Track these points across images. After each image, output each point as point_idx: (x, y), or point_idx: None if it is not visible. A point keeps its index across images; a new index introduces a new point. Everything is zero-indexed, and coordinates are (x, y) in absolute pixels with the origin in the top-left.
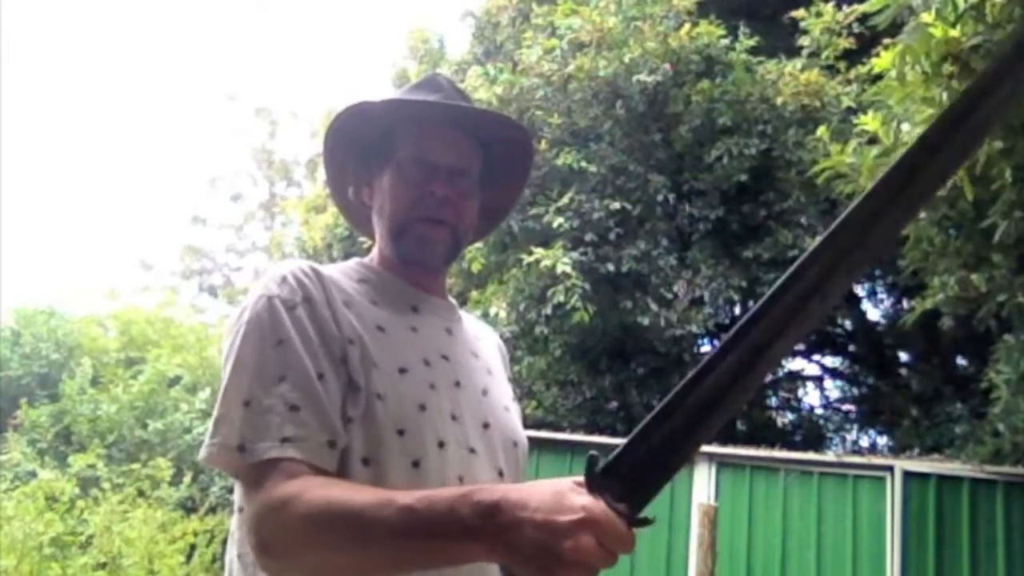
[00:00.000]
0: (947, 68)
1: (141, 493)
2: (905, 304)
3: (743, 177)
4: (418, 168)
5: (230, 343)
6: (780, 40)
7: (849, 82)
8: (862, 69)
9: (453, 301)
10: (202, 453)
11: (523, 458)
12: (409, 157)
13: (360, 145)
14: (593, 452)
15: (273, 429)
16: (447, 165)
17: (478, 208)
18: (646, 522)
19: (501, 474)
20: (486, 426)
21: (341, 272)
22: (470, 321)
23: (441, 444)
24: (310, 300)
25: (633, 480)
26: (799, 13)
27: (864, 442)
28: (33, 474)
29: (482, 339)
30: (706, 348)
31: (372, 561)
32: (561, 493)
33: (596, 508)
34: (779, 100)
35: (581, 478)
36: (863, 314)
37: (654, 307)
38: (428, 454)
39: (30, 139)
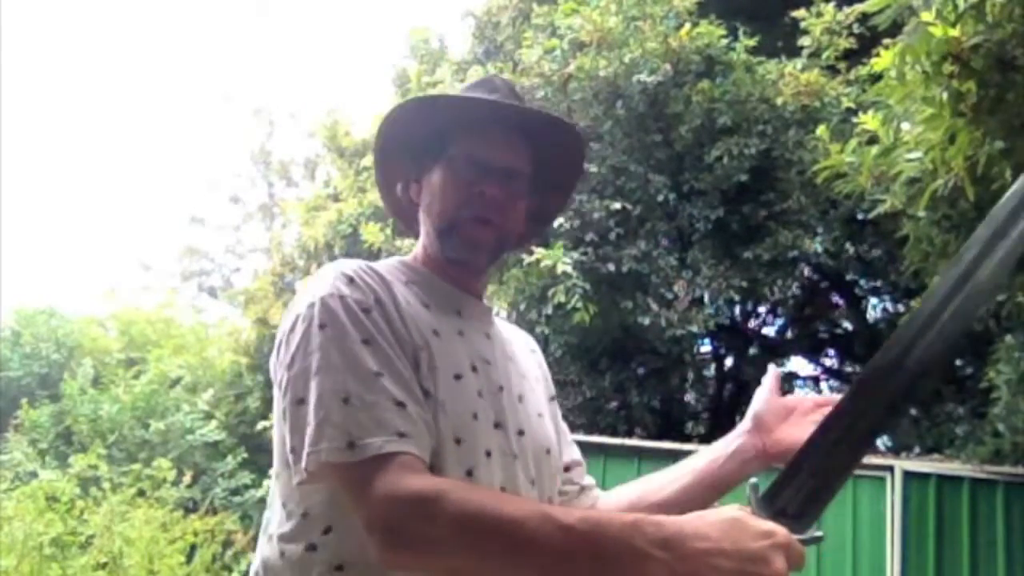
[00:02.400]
0: (947, 67)
1: (142, 493)
2: (904, 304)
3: (743, 177)
4: (470, 167)
5: (302, 345)
6: (780, 40)
7: (850, 83)
8: (863, 70)
9: (489, 304)
10: (305, 463)
11: (557, 467)
12: (461, 155)
13: (412, 141)
14: (753, 480)
15: (387, 424)
16: (500, 166)
17: (526, 212)
18: (817, 540)
19: (533, 483)
20: (520, 433)
21: (388, 273)
22: (503, 324)
23: (488, 453)
24: (381, 303)
25: (798, 503)
26: (799, 13)
27: None
28: (34, 474)
29: (515, 342)
30: (706, 348)
31: (523, 574)
32: (738, 520)
33: (780, 531)
34: (779, 100)
35: (743, 506)
36: (863, 314)
37: (654, 307)
38: (479, 463)
39: (30, 140)
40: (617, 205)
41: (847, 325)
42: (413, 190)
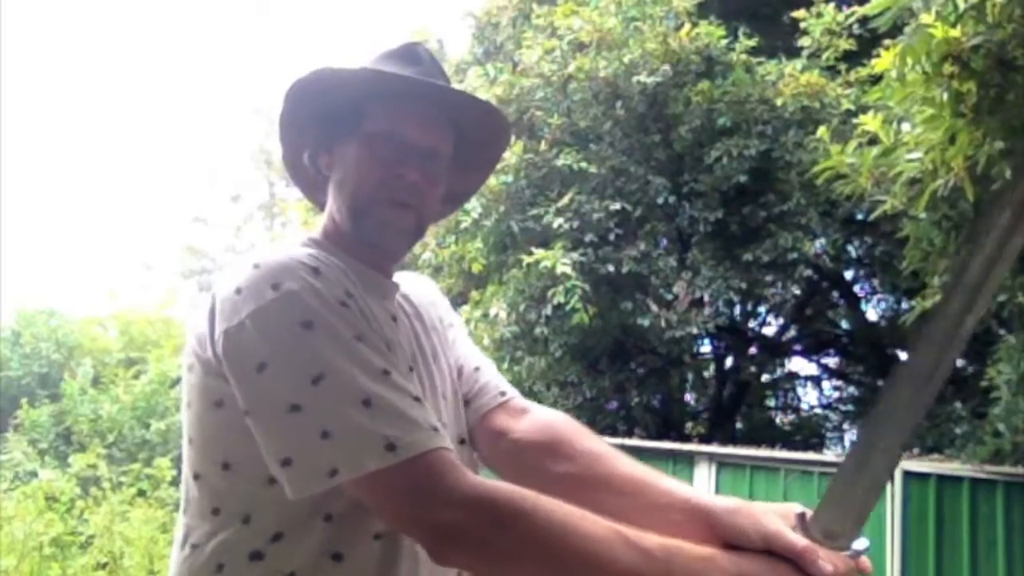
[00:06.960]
0: (947, 68)
1: (142, 493)
2: (904, 304)
3: (743, 178)
4: (390, 146)
5: (280, 345)
6: (780, 40)
7: (850, 84)
8: (863, 72)
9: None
10: (343, 474)
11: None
12: (381, 132)
13: (324, 108)
14: (798, 508)
15: (418, 420)
16: (422, 147)
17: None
18: (861, 552)
19: (463, 442)
20: (443, 398)
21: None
22: (407, 285)
23: None
24: (351, 295)
25: (837, 521)
26: (800, 14)
27: None
28: (33, 474)
29: (418, 302)
30: (706, 348)
31: None
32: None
33: (823, 554)
34: (779, 101)
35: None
36: (863, 314)
37: (654, 308)
38: None
39: (30, 139)
40: (617, 206)
41: (847, 325)
42: (323, 160)
